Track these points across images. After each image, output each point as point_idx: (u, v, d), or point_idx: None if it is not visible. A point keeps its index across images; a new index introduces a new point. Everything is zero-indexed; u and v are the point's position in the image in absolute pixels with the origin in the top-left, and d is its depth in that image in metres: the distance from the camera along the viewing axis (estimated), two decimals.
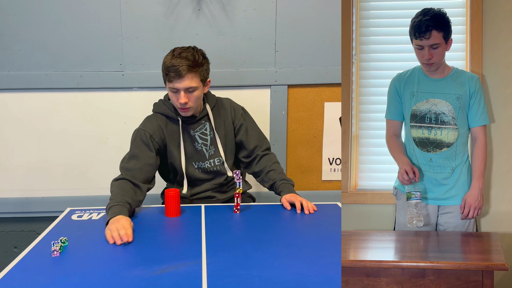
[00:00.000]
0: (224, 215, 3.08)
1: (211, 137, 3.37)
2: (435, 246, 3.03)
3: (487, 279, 2.59)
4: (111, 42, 3.92)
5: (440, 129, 3.27)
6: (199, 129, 3.35)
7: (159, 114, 3.35)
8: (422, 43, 3.15)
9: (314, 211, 3.11)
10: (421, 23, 3.13)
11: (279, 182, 3.32)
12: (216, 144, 3.38)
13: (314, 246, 2.56)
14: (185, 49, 3.17)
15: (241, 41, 3.98)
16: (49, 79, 3.93)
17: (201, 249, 2.50)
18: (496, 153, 3.54)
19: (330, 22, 4.00)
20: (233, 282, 2.13)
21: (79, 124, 4.04)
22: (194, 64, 3.11)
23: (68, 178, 4.11)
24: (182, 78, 3.08)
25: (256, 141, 3.46)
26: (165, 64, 3.14)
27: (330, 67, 4.06)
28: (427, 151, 3.29)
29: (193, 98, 3.17)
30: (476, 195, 3.24)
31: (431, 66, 3.23)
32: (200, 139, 3.36)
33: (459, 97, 3.24)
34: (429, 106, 3.27)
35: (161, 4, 3.88)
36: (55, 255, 2.43)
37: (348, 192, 3.75)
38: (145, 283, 2.14)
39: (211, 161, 3.39)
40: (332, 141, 4.21)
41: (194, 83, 3.12)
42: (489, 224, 3.56)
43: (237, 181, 3.04)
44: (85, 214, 3.10)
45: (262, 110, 4.06)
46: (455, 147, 3.27)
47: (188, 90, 3.13)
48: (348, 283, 2.70)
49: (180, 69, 3.07)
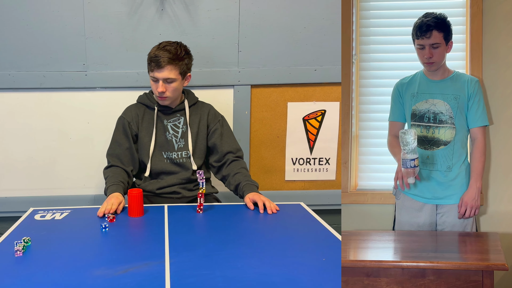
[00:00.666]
0: (187, 215, 3.10)
1: (183, 131, 3.50)
2: (435, 246, 3.05)
3: (487, 279, 2.60)
4: (74, 42, 3.90)
5: (438, 128, 3.34)
6: (173, 121, 3.51)
7: (140, 104, 3.55)
8: (423, 42, 3.27)
9: (276, 211, 3.13)
10: (422, 23, 3.26)
11: (244, 183, 3.35)
12: (187, 138, 3.49)
13: (277, 246, 2.58)
14: (170, 43, 3.39)
15: (204, 41, 3.97)
16: (12, 79, 3.90)
17: (164, 249, 2.50)
18: (496, 153, 3.57)
19: (293, 22, 4.01)
20: (196, 282, 2.13)
21: (42, 124, 4.01)
22: (174, 57, 3.32)
23: (31, 178, 4.08)
24: (161, 68, 3.30)
25: (229, 147, 3.54)
26: (149, 54, 3.37)
27: (293, 67, 4.07)
28: (424, 149, 3.37)
29: (171, 88, 3.36)
30: (473, 195, 3.29)
31: (432, 66, 3.33)
32: (172, 130, 3.49)
33: (457, 97, 3.32)
34: (428, 106, 3.36)
35: (124, 4, 3.87)
36: (18, 255, 2.42)
37: (348, 192, 3.77)
38: (107, 283, 2.14)
39: (179, 153, 3.48)
40: (295, 141, 4.23)
41: (172, 75, 3.33)
42: (489, 224, 3.59)
43: (200, 181, 3.05)
44: (48, 214, 3.09)
45: (225, 110, 4.05)
46: (452, 146, 3.33)
47: (166, 80, 3.33)
48: (348, 283, 2.70)
49: (160, 60, 3.29)
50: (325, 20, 4.02)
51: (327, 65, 4.07)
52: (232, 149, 3.54)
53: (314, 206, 3.49)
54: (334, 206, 4.21)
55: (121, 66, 3.93)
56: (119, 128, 3.51)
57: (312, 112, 4.18)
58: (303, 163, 4.27)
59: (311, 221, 3.02)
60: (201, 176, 3.05)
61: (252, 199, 3.22)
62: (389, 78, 3.53)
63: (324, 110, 4.18)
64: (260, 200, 3.18)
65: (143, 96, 3.56)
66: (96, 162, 3.95)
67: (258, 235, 2.76)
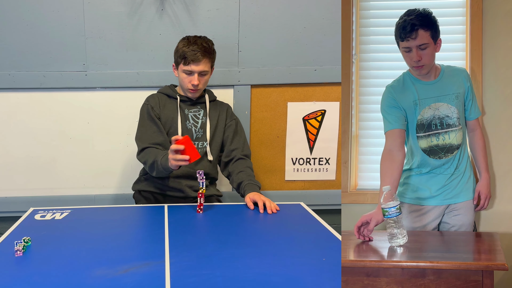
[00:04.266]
0: (187, 215, 3.10)
1: (203, 121, 3.59)
2: (435, 246, 3.03)
3: (487, 279, 2.58)
4: (74, 42, 3.90)
5: (447, 133, 3.21)
6: (194, 111, 3.60)
7: (161, 94, 3.63)
8: (409, 44, 3.05)
9: (277, 211, 3.14)
10: (405, 23, 3.04)
11: (246, 182, 3.37)
12: (205, 129, 3.56)
13: (277, 246, 2.58)
14: (199, 37, 3.50)
15: None
16: (12, 79, 3.90)
17: (164, 249, 2.50)
18: (496, 153, 3.56)
19: (293, 21, 4.02)
20: (196, 282, 2.13)
21: (42, 124, 4.01)
22: (208, 51, 3.46)
23: (31, 178, 4.09)
24: (199, 62, 3.41)
25: (238, 144, 3.62)
26: (182, 49, 3.45)
27: (293, 67, 4.08)
28: (439, 158, 3.22)
29: (204, 81, 3.50)
30: (488, 185, 3.30)
31: (422, 69, 3.14)
32: (192, 120, 3.56)
33: (458, 95, 3.21)
34: (433, 112, 3.19)
35: (124, 4, 3.87)
36: (18, 255, 2.42)
37: (348, 192, 3.77)
38: (108, 283, 2.14)
39: (197, 143, 3.54)
40: (295, 141, 4.23)
41: (207, 68, 3.47)
42: (489, 224, 3.58)
43: (200, 181, 3.05)
44: (48, 214, 3.09)
45: None
46: (463, 147, 3.26)
47: (201, 73, 3.45)
48: (348, 283, 2.69)
49: (198, 54, 3.39)
50: (325, 20, 4.02)
51: (327, 65, 4.07)
52: (239, 146, 3.61)
53: (314, 206, 3.49)
54: (334, 206, 4.21)
55: (121, 66, 3.93)
56: (143, 114, 3.54)
57: (312, 112, 4.18)
58: (303, 163, 4.27)
59: (311, 221, 3.02)
60: (201, 176, 3.05)
61: (252, 198, 3.22)
62: (389, 78, 3.51)
63: (324, 110, 4.18)
64: (260, 200, 3.18)
65: (165, 87, 3.65)
66: (96, 162, 3.96)
67: (258, 235, 2.76)
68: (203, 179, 3.05)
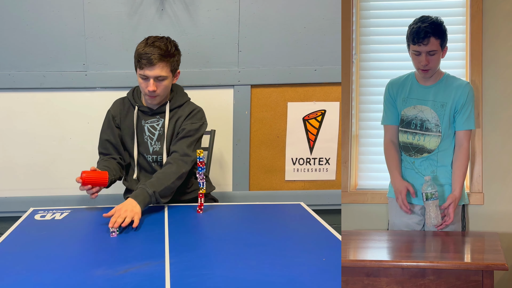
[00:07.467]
0: (187, 215, 3.09)
1: (160, 133, 3.36)
2: (435, 246, 3.04)
3: (487, 279, 2.59)
4: (74, 42, 3.90)
5: (423, 136, 3.33)
6: (151, 122, 3.36)
7: (127, 99, 3.43)
8: (420, 49, 3.20)
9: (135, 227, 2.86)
10: (420, 29, 3.18)
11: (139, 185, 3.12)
12: (163, 142, 3.36)
13: (277, 246, 2.57)
14: (159, 39, 3.25)
15: (204, 41, 3.98)
16: (12, 79, 3.91)
17: (164, 249, 2.50)
18: (496, 153, 3.56)
19: (293, 22, 4.02)
20: (196, 282, 2.13)
21: (42, 124, 4.02)
22: (166, 54, 3.18)
23: (31, 178, 4.09)
24: (153, 66, 3.15)
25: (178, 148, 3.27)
26: (138, 51, 3.21)
27: (293, 67, 4.08)
28: (409, 156, 3.37)
29: (162, 87, 3.22)
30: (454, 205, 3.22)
31: (427, 73, 3.29)
32: (148, 131, 3.37)
33: (444, 105, 3.29)
34: (416, 113, 3.34)
35: (124, 4, 3.88)
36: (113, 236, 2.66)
37: (348, 191, 3.77)
38: (108, 283, 2.14)
39: (154, 157, 3.38)
40: (295, 141, 4.23)
41: (164, 72, 3.18)
42: (489, 224, 3.57)
43: (200, 181, 3.04)
44: (48, 214, 3.09)
45: (225, 110, 4.07)
46: (436, 154, 3.32)
47: (157, 78, 3.18)
48: (348, 283, 2.70)
49: (152, 57, 3.13)
50: (325, 20, 4.02)
51: (327, 65, 4.07)
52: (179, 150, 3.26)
53: (314, 206, 3.48)
54: (334, 206, 4.21)
55: (121, 66, 3.93)
56: (105, 120, 3.45)
57: (312, 112, 4.18)
58: (303, 163, 4.27)
59: (311, 221, 3.02)
60: (201, 176, 3.03)
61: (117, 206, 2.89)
62: (389, 78, 3.52)
63: (324, 110, 4.18)
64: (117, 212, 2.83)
65: (131, 91, 3.44)
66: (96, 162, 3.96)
67: (258, 235, 2.75)
68: (203, 179, 3.04)
